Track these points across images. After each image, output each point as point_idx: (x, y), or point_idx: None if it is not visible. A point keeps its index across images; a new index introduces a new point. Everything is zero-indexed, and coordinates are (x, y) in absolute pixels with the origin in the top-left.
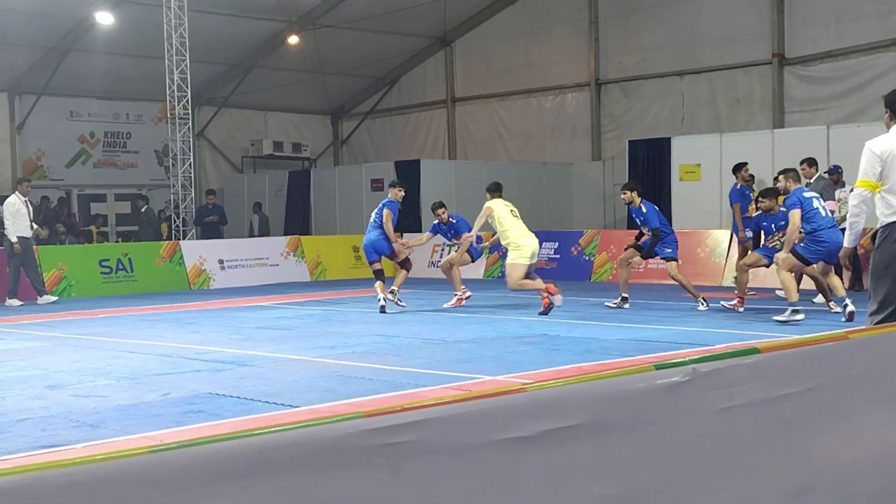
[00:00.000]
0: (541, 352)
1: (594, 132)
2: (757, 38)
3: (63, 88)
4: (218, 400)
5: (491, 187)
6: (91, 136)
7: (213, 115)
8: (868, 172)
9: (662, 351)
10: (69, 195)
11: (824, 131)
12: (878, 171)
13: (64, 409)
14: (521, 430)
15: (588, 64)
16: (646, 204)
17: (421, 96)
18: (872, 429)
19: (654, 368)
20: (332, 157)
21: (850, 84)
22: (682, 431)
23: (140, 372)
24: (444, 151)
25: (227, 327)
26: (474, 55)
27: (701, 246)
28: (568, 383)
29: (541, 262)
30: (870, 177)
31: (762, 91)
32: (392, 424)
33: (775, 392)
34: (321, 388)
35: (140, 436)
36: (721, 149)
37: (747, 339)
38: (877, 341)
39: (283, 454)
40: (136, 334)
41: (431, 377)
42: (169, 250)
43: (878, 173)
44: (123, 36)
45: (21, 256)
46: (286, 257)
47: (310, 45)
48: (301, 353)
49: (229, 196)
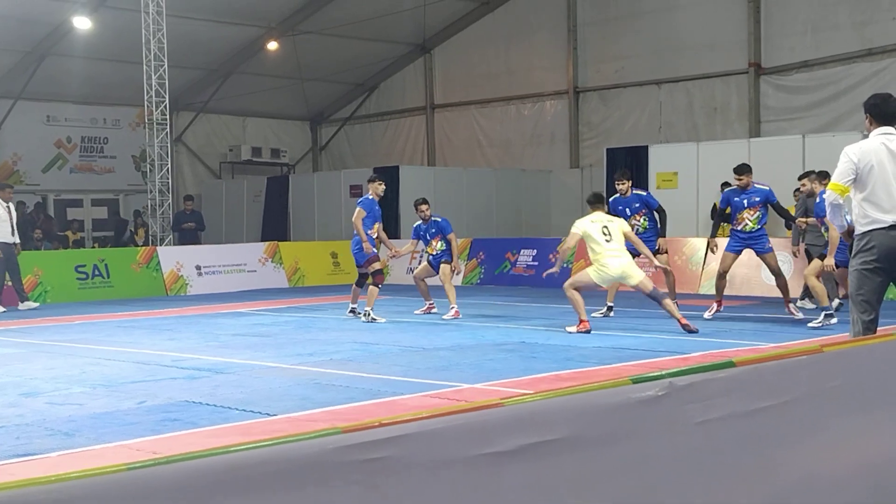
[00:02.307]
0: (519, 360)
1: (572, 140)
2: (734, 48)
3: (40, 93)
4: (194, 408)
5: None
6: (68, 140)
7: (192, 120)
8: (840, 177)
9: (640, 359)
10: (45, 200)
11: (800, 140)
12: (850, 178)
13: (39, 417)
14: (500, 444)
15: (567, 72)
16: (635, 189)
17: (400, 103)
18: (848, 441)
19: (630, 382)
20: (310, 163)
21: (825, 94)
22: (659, 445)
23: (116, 379)
24: (424, 158)
25: (204, 334)
26: (453, 62)
27: (678, 254)
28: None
29: (519, 268)
30: (840, 181)
31: (739, 100)
32: (370, 440)
33: (751, 405)
34: (299, 395)
35: (116, 444)
36: (698, 157)
37: (725, 347)
38: (852, 354)
39: (259, 471)
40: (112, 341)
41: (409, 385)
42: (146, 256)
43: (850, 179)
44: (101, 41)
45: (4, 263)
46: (264, 263)
47: (289, 50)
48: (279, 361)
49: (207, 202)
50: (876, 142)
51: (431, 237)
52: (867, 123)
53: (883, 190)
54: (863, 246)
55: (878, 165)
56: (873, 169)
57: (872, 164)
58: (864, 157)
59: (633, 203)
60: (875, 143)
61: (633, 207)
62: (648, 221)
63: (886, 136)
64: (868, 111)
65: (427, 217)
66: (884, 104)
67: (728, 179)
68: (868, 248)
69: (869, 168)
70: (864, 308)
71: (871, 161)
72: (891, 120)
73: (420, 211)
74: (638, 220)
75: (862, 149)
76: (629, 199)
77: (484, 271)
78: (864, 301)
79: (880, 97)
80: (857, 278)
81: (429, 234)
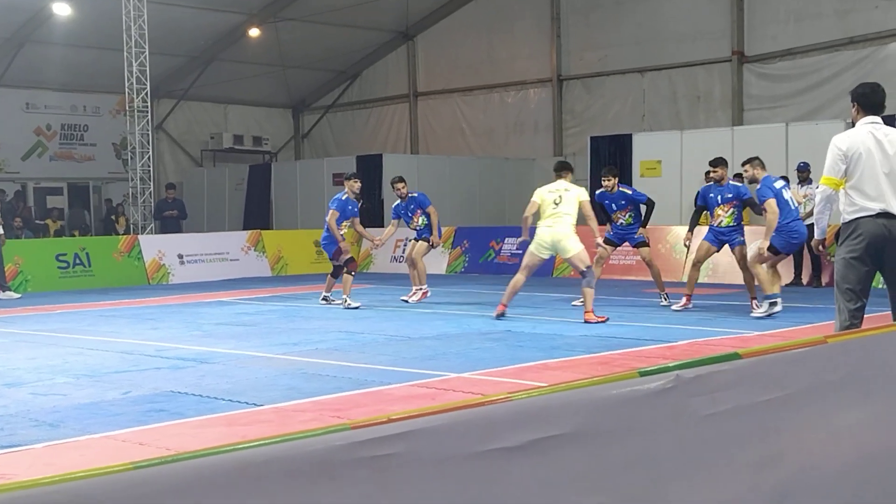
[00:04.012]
0: (505, 348)
1: (556, 128)
2: (717, 36)
3: (19, 80)
4: (180, 398)
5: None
6: (48, 128)
7: (173, 107)
8: (832, 170)
9: (626, 348)
10: (25, 188)
11: (783, 129)
12: (842, 169)
13: (23, 408)
14: (508, 440)
15: (550, 60)
16: (621, 186)
17: (383, 90)
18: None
19: (638, 375)
20: (293, 150)
21: (808, 82)
22: (667, 438)
23: (100, 369)
24: (407, 146)
25: (187, 323)
26: (436, 50)
27: (661, 242)
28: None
29: (503, 257)
30: (833, 174)
31: (722, 88)
32: (378, 436)
33: (757, 397)
34: (285, 385)
35: (101, 435)
36: (682, 145)
37: (711, 335)
38: (855, 346)
39: (268, 469)
40: (94, 330)
41: (396, 374)
42: (127, 245)
43: (842, 171)
44: (81, 27)
45: None
46: (247, 252)
47: (271, 37)
48: (264, 350)
49: (189, 190)
50: (863, 131)
51: (412, 213)
52: (854, 112)
53: (870, 178)
54: (850, 234)
55: (865, 154)
56: (861, 157)
57: (860, 152)
58: (852, 145)
59: (619, 200)
60: (862, 132)
61: (618, 204)
62: (633, 217)
63: (873, 126)
64: (855, 100)
65: (404, 195)
66: (872, 94)
67: None
68: (855, 237)
69: (857, 156)
70: (850, 297)
71: (859, 149)
72: (877, 109)
73: (397, 189)
74: (622, 215)
75: (850, 138)
76: (615, 195)
77: (468, 260)
78: (849, 290)
79: (868, 87)
80: (843, 266)
81: (409, 211)
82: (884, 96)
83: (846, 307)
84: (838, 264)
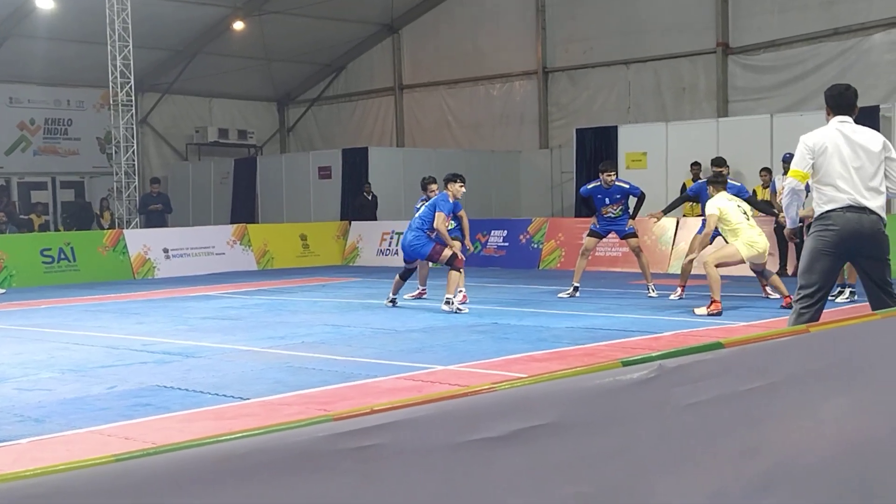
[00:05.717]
0: (491, 341)
1: (542, 120)
2: (702, 28)
3: (2, 74)
4: (166, 392)
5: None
6: (31, 122)
7: (157, 101)
8: (799, 164)
9: (613, 339)
10: (9, 183)
11: (768, 120)
12: (809, 163)
13: (8, 404)
14: (492, 430)
15: (535, 52)
16: (617, 180)
17: (368, 83)
18: (834, 421)
19: (621, 365)
20: (278, 144)
21: (793, 73)
22: (650, 427)
23: (85, 364)
24: (392, 139)
25: (173, 318)
26: (422, 42)
27: (647, 234)
28: (536, 381)
29: (490, 249)
30: (800, 167)
31: (707, 80)
32: (361, 427)
33: (739, 386)
34: (271, 379)
35: (87, 430)
36: (667, 137)
37: (697, 326)
38: (837, 335)
39: (251, 461)
40: (80, 325)
41: (383, 367)
42: (112, 239)
43: (809, 164)
44: (64, 21)
45: None
46: (232, 246)
47: (255, 31)
48: (250, 344)
49: (174, 184)
50: (831, 127)
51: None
52: (826, 113)
53: (838, 172)
54: (820, 226)
55: (832, 148)
56: (827, 151)
57: (826, 146)
58: (818, 141)
59: (615, 194)
60: (830, 129)
61: (613, 197)
62: (622, 209)
63: (843, 124)
64: (826, 101)
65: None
66: (840, 96)
67: (697, 159)
68: (826, 228)
69: (823, 150)
70: (811, 283)
71: (826, 144)
72: (848, 110)
73: (430, 191)
74: (614, 208)
75: (816, 134)
76: (611, 189)
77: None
78: (811, 277)
79: (839, 88)
80: (810, 255)
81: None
82: (855, 97)
83: (806, 294)
84: (806, 253)
